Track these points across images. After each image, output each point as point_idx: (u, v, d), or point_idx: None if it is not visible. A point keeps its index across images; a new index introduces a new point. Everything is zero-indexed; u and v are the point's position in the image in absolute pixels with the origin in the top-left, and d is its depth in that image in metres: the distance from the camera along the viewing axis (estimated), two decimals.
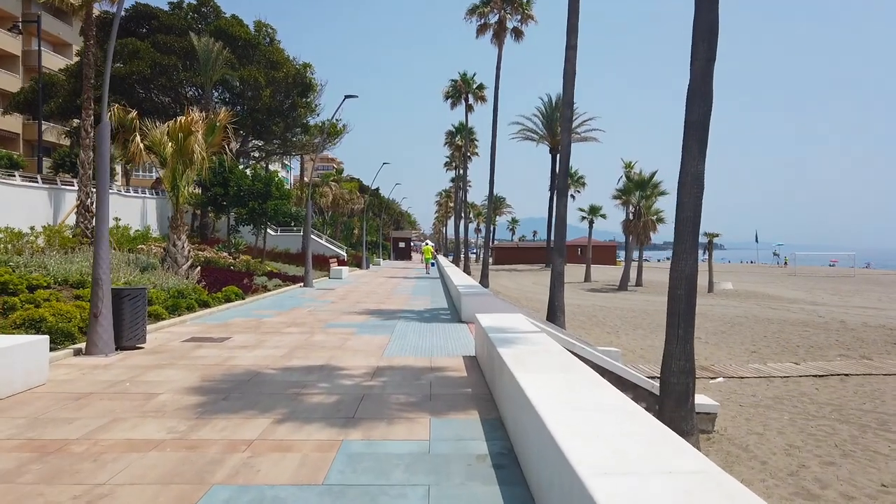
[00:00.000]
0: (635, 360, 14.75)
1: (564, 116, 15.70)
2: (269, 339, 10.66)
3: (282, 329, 12.01)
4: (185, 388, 7.01)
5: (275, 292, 20.25)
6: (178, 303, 13.49)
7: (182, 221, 17.88)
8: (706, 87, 7.81)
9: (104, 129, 9.18)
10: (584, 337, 16.95)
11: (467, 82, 48.52)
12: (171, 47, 35.90)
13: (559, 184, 15.88)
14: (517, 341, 6.64)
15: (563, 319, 15.65)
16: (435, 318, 14.19)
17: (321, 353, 9.34)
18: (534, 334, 7.21)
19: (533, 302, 27.88)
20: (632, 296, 31.65)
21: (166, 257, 17.55)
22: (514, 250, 79.58)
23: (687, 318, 7.91)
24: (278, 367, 8.26)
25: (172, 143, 17.01)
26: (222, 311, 14.90)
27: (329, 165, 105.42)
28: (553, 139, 63.44)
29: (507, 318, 9.04)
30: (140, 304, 9.60)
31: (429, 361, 8.82)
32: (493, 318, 8.78)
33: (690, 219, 7.88)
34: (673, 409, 7.65)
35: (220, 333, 11.32)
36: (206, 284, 16.89)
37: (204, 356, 9.01)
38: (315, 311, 15.28)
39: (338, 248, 44.54)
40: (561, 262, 15.70)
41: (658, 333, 19.15)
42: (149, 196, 34.79)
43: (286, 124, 41.51)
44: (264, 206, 26.31)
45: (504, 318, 9.02)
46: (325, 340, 10.66)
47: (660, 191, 35.91)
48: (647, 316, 23.18)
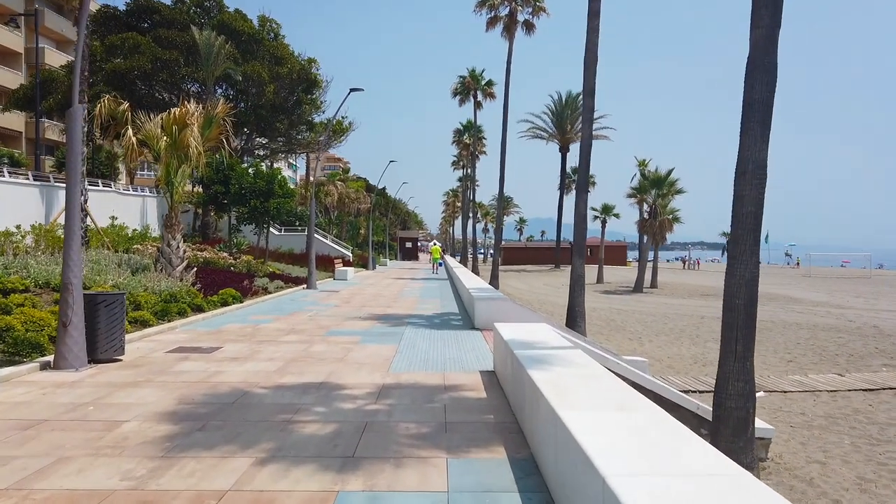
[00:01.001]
0: (663, 370, 13.62)
1: (586, 106, 14.57)
2: (264, 350, 9.61)
3: (279, 337, 10.96)
4: (156, 413, 5.96)
5: (276, 295, 19.23)
6: (167, 307, 12.47)
7: (177, 220, 16.88)
8: (769, 59, 6.69)
9: (75, 114, 8.14)
10: (605, 344, 15.82)
11: (476, 79, 47.44)
12: (172, 42, 34.98)
13: (579, 180, 14.74)
14: (550, 361, 5.54)
15: (583, 326, 14.53)
16: (446, 325, 13.12)
17: (320, 368, 8.27)
18: (567, 351, 6.11)
19: (546, 305, 26.74)
20: (648, 298, 30.44)
21: (160, 258, 16.55)
22: (523, 250, 78.39)
23: (747, 332, 6.79)
24: (270, 386, 7.20)
25: (166, 136, 16.01)
26: (217, 315, 13.88)
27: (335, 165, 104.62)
28: (563, 137, 62.25)
29: (530, 328, 7.95)
30: (118, 310, 8.57)
31: (441, 378, 7.74)
32: (514, 329, 7.69)
33: (752, 214, 6.75)
34: (730, 438, 6.54)
35: (211, 342, 10.28)
36: (201, 287, 15.88)
37: (187, 371, 7.97)
38: (317, 317, 14.24)
39: (343, 249, 43.54)
40: (581, 265, 14.58)
41: (682, 340, 18.00)
42: (149, 195, 33.87)
43: (290, 121, 40.50)
44: (266, 204, 25.33)
45: (527, 328, 7.93)
46: (326, 351, 9.59)
47: (676, 189, 34.61)
48: (668, 320, 22.00)
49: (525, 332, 7.56)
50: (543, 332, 7.65)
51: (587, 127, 14.58)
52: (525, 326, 8.09)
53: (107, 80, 32.54)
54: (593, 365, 5.35)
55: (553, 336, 7.30)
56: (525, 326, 8.09)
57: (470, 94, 48.34)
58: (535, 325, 8.15)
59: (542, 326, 8.07)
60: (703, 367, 14.18)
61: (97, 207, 24.68)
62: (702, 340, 17.68)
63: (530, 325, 8.25)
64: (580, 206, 14.58)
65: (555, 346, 6.42)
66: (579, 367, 5.28)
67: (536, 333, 7.47)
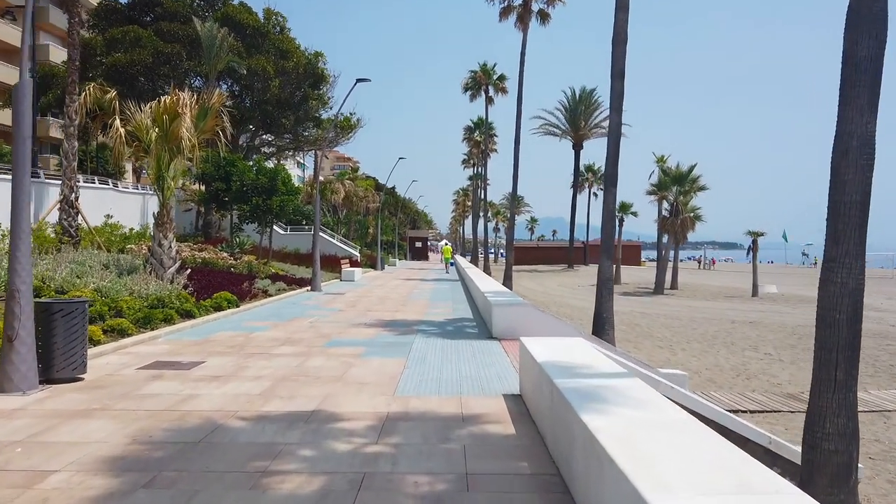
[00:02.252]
0: (703, 384, 12.22)
1: (614, 91, 13.18)
2: (252, 366, 8.33)
3: (272, 349, 9.69)
4: (98, 458, 4.68)
5: (276, 298, 17.99)
6: (151, 314, 11.23)
7: (169, 218, 15.66)
8: (878, 5, 5.29)
9: (23, 89, 6.89)
10: (634, 353, 14.43)
11: (487, 73, 46.08)
12: (174, 35, 33.91)
13: (608, 172, 13.35)
14: (604, 397, 4.21)
15: (612, 335, 13.14)
16: (459, 333, 11.80)
17: (314, 390, 6.98)
18: (623, 380, 4.77)
19: (563, 307, 25.35)
20: (670, 300, 28.96)
21: (150, 259, 15.35)
22: (534, 250, 76.92)
23: (850, 354, 5.42)
24: (249, 416, 5.91)
25: (157, 127, 14.81)
26: (208, 322, 12.64)
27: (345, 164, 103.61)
28: (577, 134, 60.73)
29: (564, 344, 6.62)
30: (78, 321, 7.30)
31: (458, 404, 6.43)
32: (546, 346, 6.36)
33: (857, 205, 5.34)
34: (828, 488, 5.17)
35: (193, 355, 9.02)
36: (193, 290, 14.66)
37: (155, 394, 6.70)
38: (318, 323, 12.97)
39: (350, 249, 42.33)
40: (609, 266, 13.20)
41: (716, 348, 16.54)
42: (150, 192, 32.76)
43: (297, 118, 39.32)
44: (269, 202, 24.11)
45: (560, 344, 6.60)
46: (323, 367, 8.30)
47: (699, 186, 33.04)
48: (696, 325, 20.53)
49: (559, 349, 6.23)
50: (581, 349, 6.31)
51: (616, 114, 13.19)
52: (557, 342, 6.75)
53: (107, 74, 31.49)
54: (667, 406, 4.00)
55: (595, 356, 5.96)
56: (557, 342, 6.75)
57: (481, 90, 46.99)
58: (569, 341, 6.81)
59: (578, 342, 6.73)
60: (746, 380, 12.75)
61: (92, 205, 23.57)
62: (738, 349, 16.23)
63: (563, 340, 6.91)
64: (608, 201, 13.20)
65: (604, 373, 5.08)
66: (649, 408, 3.93)
67: (573, 351, 6.14)
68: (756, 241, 32.86)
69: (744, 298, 30.26)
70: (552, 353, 5.98)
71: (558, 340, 6.84)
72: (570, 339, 6.95)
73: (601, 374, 5.04)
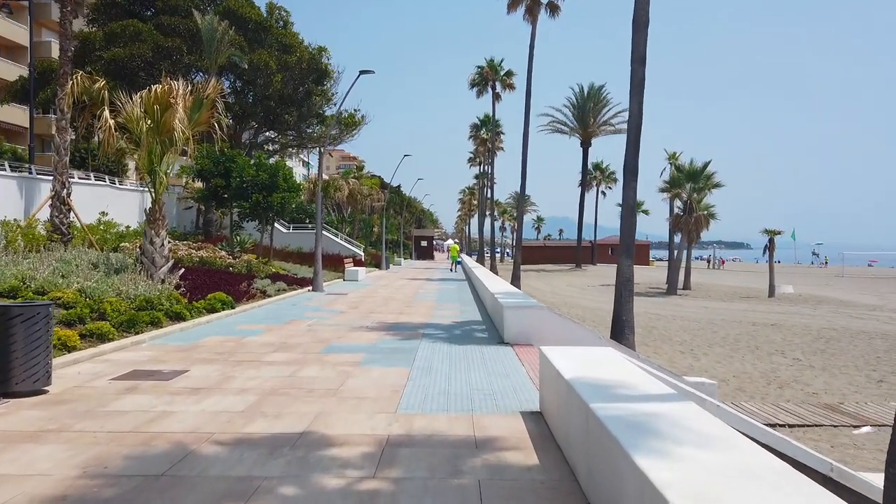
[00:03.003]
0: (732, 393, 11.31)
1: (636, 77, 12.25)
2: (239, 376, 7.50)
3: (264, 356, 8.86)
4: (34, 498, 3.85)
5: (275, 299, 17.18)
6: (136, 317, 10.42)
7: (161, 214, 14.90)
8: None
9: None
10: (654, 358, 13.53)
11: (495, 69, 45.17)
12: (175, 29, 33.21)
13: (628, 164, 12.43)
14: (657, 428, 3.35)
15: (632, 340, 12.25)
16: (468, 337, 10.95)
17: (305, 406, 6.14)
18: (675, 404, 3.90)
19: (574, 308, 24.44)
20: (685, 301, 27.98)
21: (141, 257, 14.57)
22: (542, 249, 76.01)
23: None
24: (227, 439, 5.08)
25: (148, 118, 14.01)
26: (199, 325, 11.82)
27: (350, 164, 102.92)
28: (585, 131, 59.79)
29: (592, 356, 5.75)
30: (40, 327, 6.49)
31: (469, 423, 5.58)
32: (570, 357, 5.50)
33: None
34: None
35: (176, 363, 8.20)
36: (185, 291, 13.87)
37: (125, 411, 5.88)
38: (316, 326, 12.14)
39: (355, 248, 41.51)
40: (630, 266, 12.31)
41: (741, 352, 15.60)
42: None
43: (300, 114, 38.56)
44: (269, 199, 23.31)
45: (587, 356, 5.74)
46: (317, 378, 7.46)
47: (714, 182, 32.00)
48: (716, 328, 19.58)
49: (586, 361, 5.37)
50: (613, 361, 5.45)
51: (636, 101, 12.27)
52: (583, 353, 5.89)
53: (106, 69, 30.72)
54: (742, 442, 3.14)
55: (630, 370, 5.10)
56: (583, 353, 5.89)
57: (488, 86, 46.08)
58: (597, 351, 5.94)
59: (607, 353, 5.86)
60: (779, 389, 11.83)
61: (88, 203, 22.86)
62: (764, 353, 15.30)
63: (590, 350, 6.04)
64: (628, 196, 12.29)
65: (648, 394, 4.21)
66: (720, 446, 3.06)
67: (604, 365, 5.28)
68: (773, 239, 31.82)
69: (760, 299, 29.26)
70: (579, 366, 5.12)
71: (584, 351, 5.97)
72: (597, 348, 6.07)
73: (645, 396, 4.17)
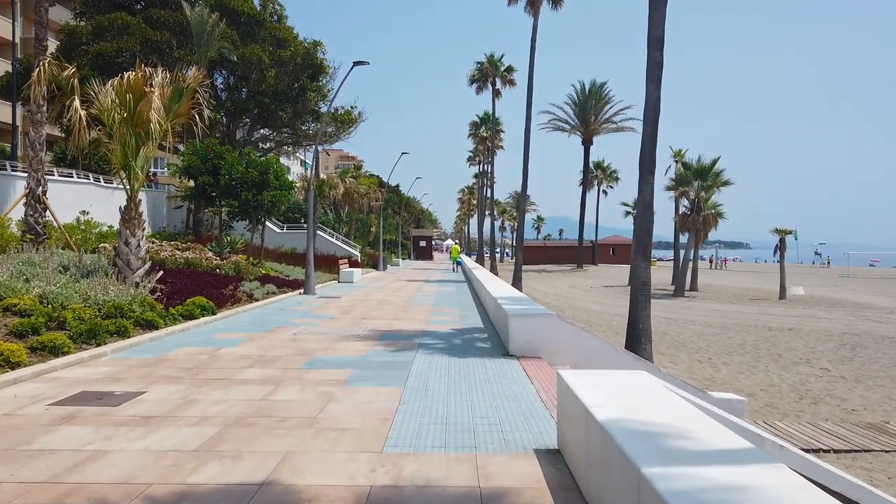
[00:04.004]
0: (762, 410, 10.22)
1: (652, 62, 11.14)
2: (202, 399, 6.42)
3: (236, 372, 7.78)
4: None
5: (263, 303, 16.10)
6: (98, 327, 9.33)
7: (137, 213, 13.81)
8: None
9: None
10: (670, 368, 12.45)
11: (494, 64, 44.10)
12: (165, 22, 32.12)
13: (644, 157, 11.33)
14: None
15: (650, 349, 11.17)
16: (469, 348, 9.87)
17: (272, 443, 5.06)
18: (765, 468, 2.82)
19: (578, 312, 23.35)
20: (694, 304, 26.88)
21: (116, 259, 13.48)
22: (542, 249, 74.95)
23: None
24: (165, 495, 4.00)
25: (121, 108, 12.93)
26: (173, 334, 10.74)
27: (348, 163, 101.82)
28: (586, 129, 58.70)
29: (625, 382, 4.68)
30: None
31: (472, 468, 4.51)
32: (598, 384, 4.44)
33: None
34: None
35: (135, 381, 7.12)
36: (162, 295, 12.80)
37: (50, 450, 4.80)
38: (302, 335, 11.06)
39: (351, 248, 40.42)
40: (646, 268, 11.23)
41: (763, 361, 14.50)
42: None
43: (295, 110, 37.44)
44: (259, 197, 22.20)
45: (618, 382, 4.67)
46: (294, 402, 6.38)
47: (723, 180, 30.91)
48: (731, 333, 18.48)
49: (619, 392, 4.31)
50: (651, 392, 4.37)
51: (653, 89, 11.18)
52: (612, 378, 4.81)
53: (92, 63, 29.62)
54: None
55: (679, 407, 4.02)
56: (612, 378, 4.81)
57: (488, 82, 45.01)
58: (629, 377, 4.86)
59: (643, 379, 4.79)
60: (813, 405, 10.73)
61: (69, 201, 21.80)
62: (788, 362, 14.21)
63: (618, 375, 4.96)
64: (644, 192, 11.22)
65: (720, 451, 3.12)
66: None
67: (643, 398, 4.21)
68: (783, 239, 30.74)
69: (772, 301, 28.18)
70: (611, 400, 4.05)
71: (611, 376, 4.89)
72: (626, 373, 4.99)
73: (713, 455, 3.08)
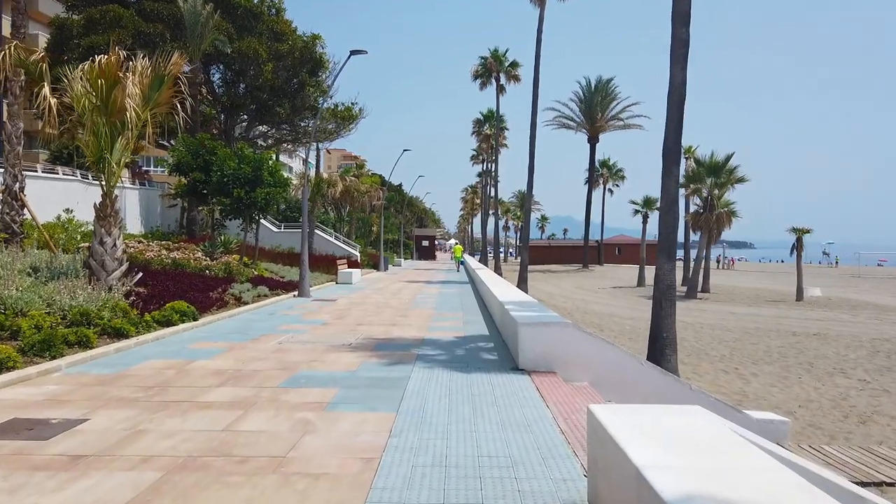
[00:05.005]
0: (805, 431, 9.06)
1: (678, 38, 9.96)
2: (153, 430, 5.32)
3: (202, 393, 6.68)
4: None
5: (251, 307, 15.01)
6: (54, 337, 8.25)
7: (113, 210, 12.75)
8: None
9: None
10: (695, 380, 11.31)
11: (499, 59, 42.97)
12: (158, 14, 31.11)
13: (669, 145, 10.13)
14: None
15: (675, 361, 10.02)
16: (473, 360, 8.77)
17: (223, 495, 3.95)
18: None
19: (588, 315, 22.20)
20: (708, 306, 25.69)
21: (90, 260, 12.41)
22: (547, 249, 73.73)
23: None
24: None
25: (93, 95, 11.86)
26: (144, 344, 9.66)
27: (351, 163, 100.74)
28: (592, 127, 57.52)
29: (675, 421, 3.57)
30: None
31: None
32: (643, 429, 3.34)
33: None
34: None
35: (79, 406, 6.03)
36: (138, 300, 11.72)
37: None
38: (288, 344, 9.97)
39: (350, 248, 39.33)
40: (671, 269, 10.10)
41: (795, 371, 13.28)
42: (129, 186, 29.98)
43: (293, 106, 36.38)
44: (252, 194, 21.15)
45: (668, 421, 3.56)
46: (262, 434, 5.28)
47: (737, 177, 29.69)
48: (753, 338, 17.29)
49: (678, 440, 3.19)
50: (720, 439, 3.25)
51: (678, 69, 9.99)
52: (663, 418, 3.69)
53: (84, 57, 28.40)
54: None
55: (765, 465, 2.89)
56: (663, 418, 3.69)
57: (492, 77, 43.88)
58: (685, 416, 3.73)
59: (703, 418, 3.66)
60: (861, 424, 9.56)
61: (53, 199, 20.78)
62: (822, 372, 13.03)
63: (672, 413, 3.83)
64: (669, 184, 10.04)
65: None
66: None
67: (713, 450, 3.09)
68: (801, 238, 29.52)
69: (789, 303, 26.98)
70: (673, 457, 2.94)
71: (662, 415, 3.77)
72: (681, 410, 3.86)
73: None
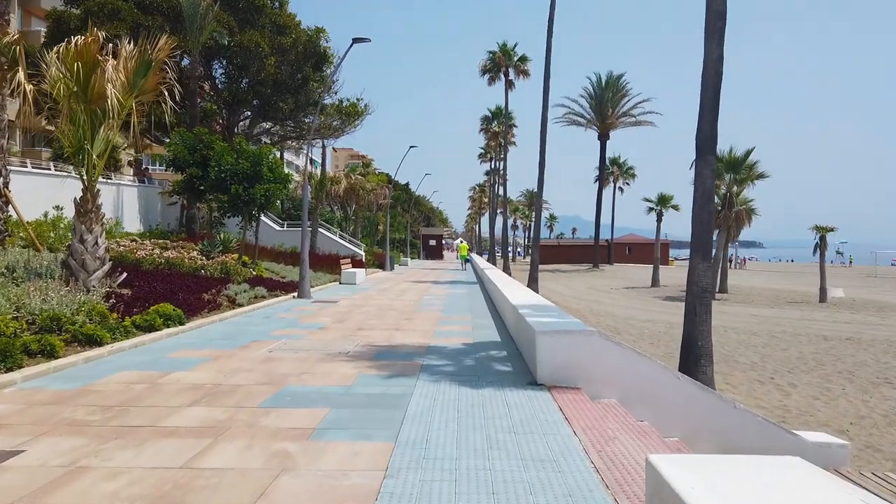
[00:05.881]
0: (863, 454, 7.97)
1: (713, 11, 8.78)
2: (95, 467, 4.35)
3: (169, 414, 5.70)
4: None
5: (246, 309, 14.05)
6: (11, 346, 7.31)
7: (94, 205, 11.83)
8: None
9: None
10: (729, 392, 10.26)
11: (507, 54, 41.91)
12: (157, 7, 30.30)
13: (705, 132, 8.99)
14: None
15: (711, 373, 8.96)
16: (484, 372, 7.77)
17: None
18: None
19: (603, 317, 21.13)
20: (728, 307, 24.53)
21: (69, 259, 11.50)
22: (556, 248, 72.53)
23: None
24: None
25: (71, 79, 10.96)
26: (118, 352, 8.71)
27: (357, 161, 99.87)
28: (603, 123, 56.33)
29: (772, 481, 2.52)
30: None
31: None
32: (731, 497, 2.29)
33: None
34: None
35: (19, 432, 5.08)
36: (120, 302, 10.78)
37: None
38: (279, 352, 9.00)
39: (355, 247, 38.39)
40: (707, 270, 9.01)
41: (837, 380, 12.13)
42: (127, 183, 29.16)
43: (297, 101, 35.48)
44: (251, 191, 20.21)
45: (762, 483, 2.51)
46: (227, 473, 4.29)
47: (757, 173, 28.51)
48: (785, 344, 16.14)
49: None
50: None
51: (714, 44, 8.79)
52: (754, 479, 2.66)
53: None
54: None
55: None
56: (754, 479, 2.66)
57: (500, 72, 42.82)
58: (785, 479, 2.70)
59: (810, 479, 2.63)
60: None
61: (44, 195, 19.93)
62: (865, 382, 11.92)
63: (766, 472, 2.80)
64: (704, 174, 8.93)
65: None
66: None
67: None
68: (824, 237, 28.34)
69: (812, 305, 25.79)
70: None
71: (752, 477, 2.74)
72: (777, 468, 2.84)
73: None
